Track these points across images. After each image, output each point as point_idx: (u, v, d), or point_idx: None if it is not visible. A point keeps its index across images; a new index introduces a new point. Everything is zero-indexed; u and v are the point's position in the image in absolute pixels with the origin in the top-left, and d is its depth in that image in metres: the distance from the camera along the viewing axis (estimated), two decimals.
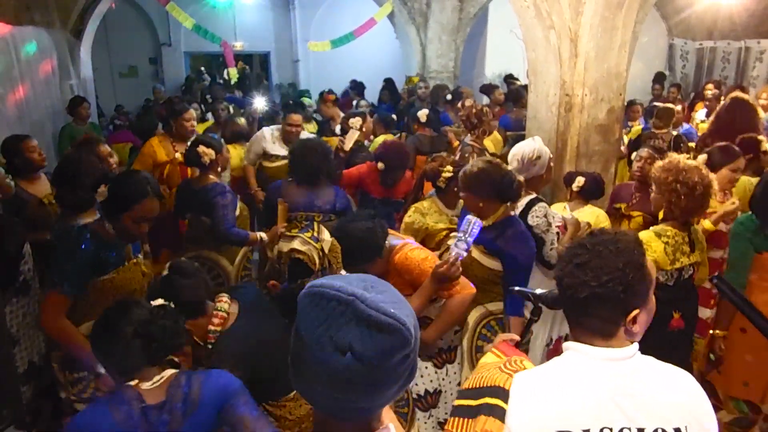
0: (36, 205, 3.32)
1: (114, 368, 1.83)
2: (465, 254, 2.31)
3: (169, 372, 1.83)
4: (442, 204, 3.29)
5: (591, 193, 3.66)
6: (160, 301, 1.91)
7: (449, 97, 7.28)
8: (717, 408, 3.04)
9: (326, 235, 2.39)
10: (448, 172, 3.25)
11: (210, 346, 2.14)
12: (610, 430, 1.26)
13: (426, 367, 2.69)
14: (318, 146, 3.71)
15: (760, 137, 4.16)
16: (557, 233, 3.14)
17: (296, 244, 2.43)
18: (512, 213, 2.85)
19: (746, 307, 1.75)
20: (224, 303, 2.24)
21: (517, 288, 1.96)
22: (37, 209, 3.26)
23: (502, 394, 1.32)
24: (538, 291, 1.82)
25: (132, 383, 1.76)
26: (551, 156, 3.22)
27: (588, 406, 1.28)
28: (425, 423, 2.76)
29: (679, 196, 2.62)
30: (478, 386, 1.37)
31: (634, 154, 4.05)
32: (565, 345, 1.40)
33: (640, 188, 3.78)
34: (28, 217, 3.17)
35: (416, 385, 2.69)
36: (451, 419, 1.37)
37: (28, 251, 2.79)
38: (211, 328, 2.16)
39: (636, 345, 1.36)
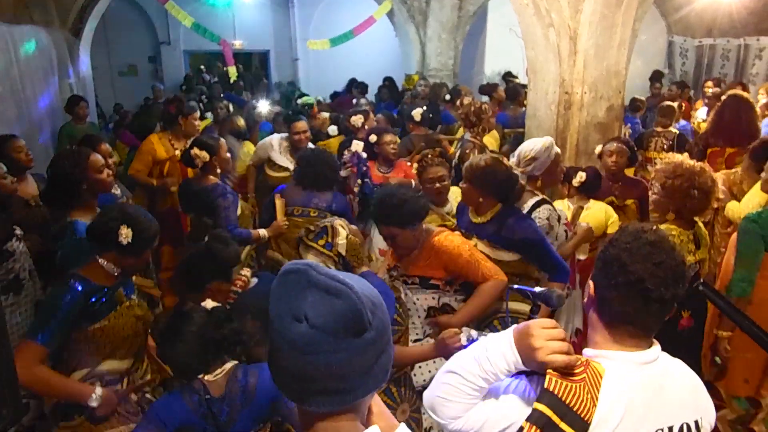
0: (21, 205, 3.22)
1: (181, 369, 1.97)
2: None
3: (229, 365, 1.97)
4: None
5: (593, 187, 3.68)
6: (212, 304, 2.02)
7: (448, 96, 7.30)
8: (719, 407, 3.01)
9: (341, 238, 2.41)
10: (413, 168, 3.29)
11: (228, 306, 2.24)
12: None
13: (434, 360, 2.68)
14: (326, 157, 3.77)
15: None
16: (565, 231, 3.13)
17: (311, 257, 2.47)
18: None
19: (732, 311, 1.74)
20: (247, 271, 2.44)
21: (516, 286, 1.96)
22: (21, 210, 3.15)
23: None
24: (537, 289, 1.82)
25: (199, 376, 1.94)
26: (557, 160, 3.16)
27: (632, 413, 1.27)
28: (430, 421, 2.74)
29: (693, 200, 2.63)
30: (566, 401, 1.25)
31: (597, 148, 4.03)
32: (599, 353, 1.35)
33: (614, 179, 3.85)
34: (12, 218, 3.10)
35: (414, 374, 2.69)
36: (526, 425, 1.25)
37: (21, 250, 2.76)
38: (233, 288, 2.37)
39: (658, 344, 1.36)
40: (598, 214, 3.53)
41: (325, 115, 6.76)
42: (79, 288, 2.13)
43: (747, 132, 4.47)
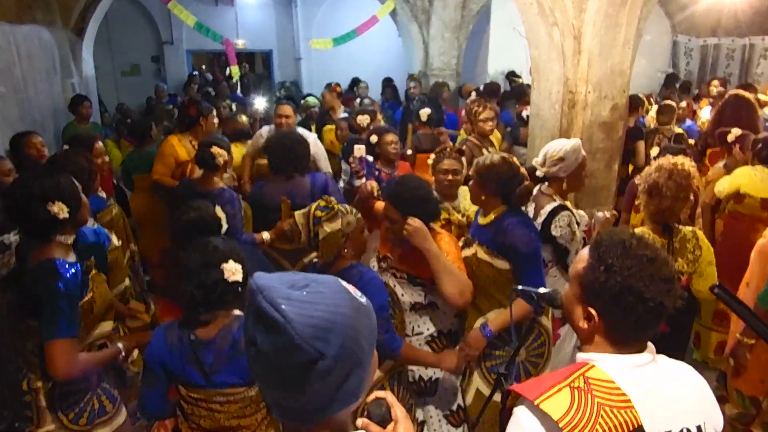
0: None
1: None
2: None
3: (232, 315, 2.05)
4: (439, 195, 3.27)
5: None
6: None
7: (473, 95, 7.28)
8: (723, 399, 2.98)
9: (330, 226, 2.36)
10: (429, 160, 3.26)
11: None
12: None
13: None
14: (290, 136, 3.75)
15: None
16: (583, 239, 3.01)
17: (298, 215, 2.42)
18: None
19: (749, 315, 1.71)
20: None
21: (520, 287, 1.93)
22: None
23: None
24: (541, 290, 1.80)
25: None
26: (584, 163, 3.04)
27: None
28: (422, 415, 2.72)
29: (650, 198, 2.60)
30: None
31: (654, 151, 4.01)
32: (590, 357, 1.33)
33: None
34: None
35: (411, 369, 2.67)
36: None
37: (13, 241, 2.74)
38: None
39: (653, 346, 1.34)
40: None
41: (340, 103, 6.78)
42: (66, 271, 2.05)
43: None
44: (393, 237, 2.61)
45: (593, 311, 1.31)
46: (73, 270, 2.07)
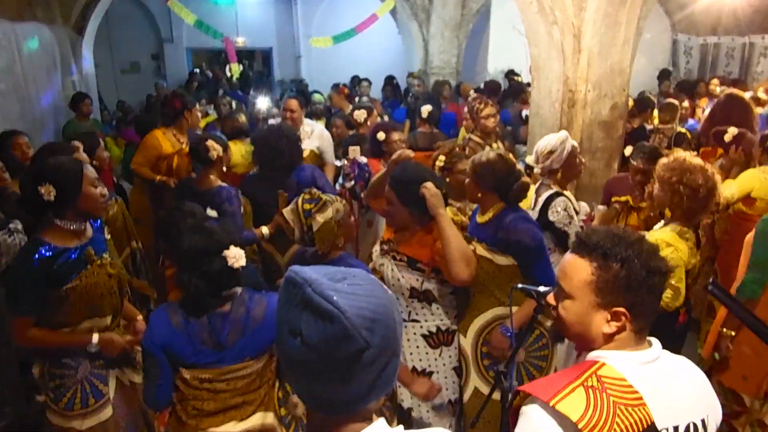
0: (12, 201, 3.05)
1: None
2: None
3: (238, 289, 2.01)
4: (452, 194, 3.27)
5: None
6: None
7: (472, 92, 7.28)
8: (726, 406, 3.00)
9: (323, 216, 2.33)
10: (440, 161, 3.25)
11: None
12: None
13: (418, 346, 2.69)
14: (279, 129, 3.74)
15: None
16: (581, 227, 3.09)
17: (287, 211, 2.40)
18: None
19: (742, 311, 1.71)
20: None
21: (519, 285, 1.93)
22: (15, 207, 3.12)
23: None
24: (542, 288, 1.80)
25: None
26: (574, 152, 3.17)
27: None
28: (410, 401, 2.74)
29: (682, 198, 2.55)
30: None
31: (628, 150, 3.99)
32: (599, 355, 1.32)
33: (643, 182, 3.76)
34: (5, 213, 3.02)
35: (404, 360, 2.67)
36: None
37: (10, 243, 2.72)
38: None
39: (658, 342, 1.35)
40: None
41: (348, 104, 6.84)
42: (44, 253, 2.10)
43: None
44: (392, 221, 2.63)
45: (622, 309, 1.30)
46: (51, 254, 2.10)
